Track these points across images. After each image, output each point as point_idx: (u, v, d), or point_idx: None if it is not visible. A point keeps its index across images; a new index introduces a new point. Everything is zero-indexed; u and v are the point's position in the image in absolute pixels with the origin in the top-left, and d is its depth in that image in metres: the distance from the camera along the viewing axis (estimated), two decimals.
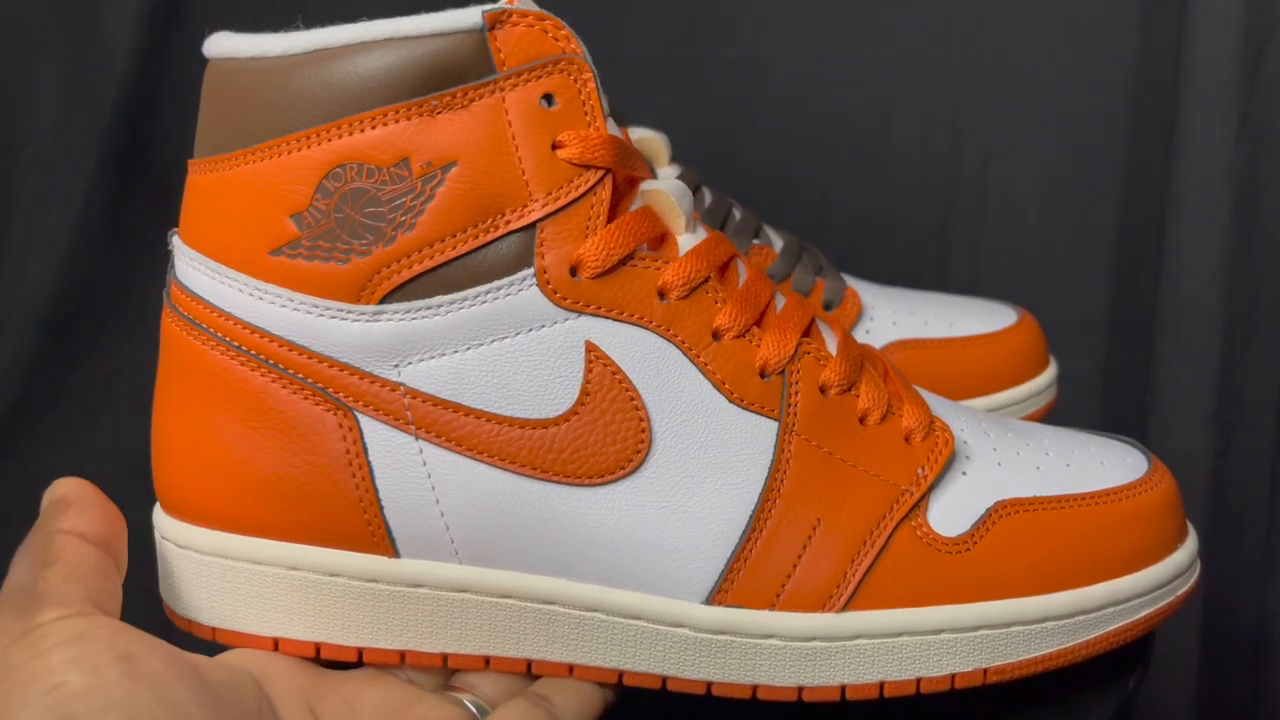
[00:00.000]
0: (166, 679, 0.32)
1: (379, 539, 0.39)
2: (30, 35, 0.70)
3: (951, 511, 0.40)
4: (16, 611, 0.33)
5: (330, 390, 0.38)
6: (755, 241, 0.57)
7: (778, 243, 0.58)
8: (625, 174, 0.39)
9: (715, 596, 0.39)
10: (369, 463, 0.38)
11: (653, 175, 0.41)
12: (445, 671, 0.41)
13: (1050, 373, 0.60)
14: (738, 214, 0.58)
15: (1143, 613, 0.42)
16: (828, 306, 0.57)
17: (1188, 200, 0.73)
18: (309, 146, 0.37)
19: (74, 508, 0.37)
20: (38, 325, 0.71)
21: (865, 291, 0.58)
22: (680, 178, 0.55)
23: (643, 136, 0.57)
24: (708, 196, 0.58)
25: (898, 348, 0.56)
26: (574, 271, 0.38)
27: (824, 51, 0.83)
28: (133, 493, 0.47)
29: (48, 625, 0.32)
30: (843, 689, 0.40)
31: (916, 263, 0.84)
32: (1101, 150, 0.80)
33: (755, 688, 0.40)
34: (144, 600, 0.40)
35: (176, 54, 0.73)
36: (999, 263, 0.83)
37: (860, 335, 0.56)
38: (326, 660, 0.40)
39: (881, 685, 0.40)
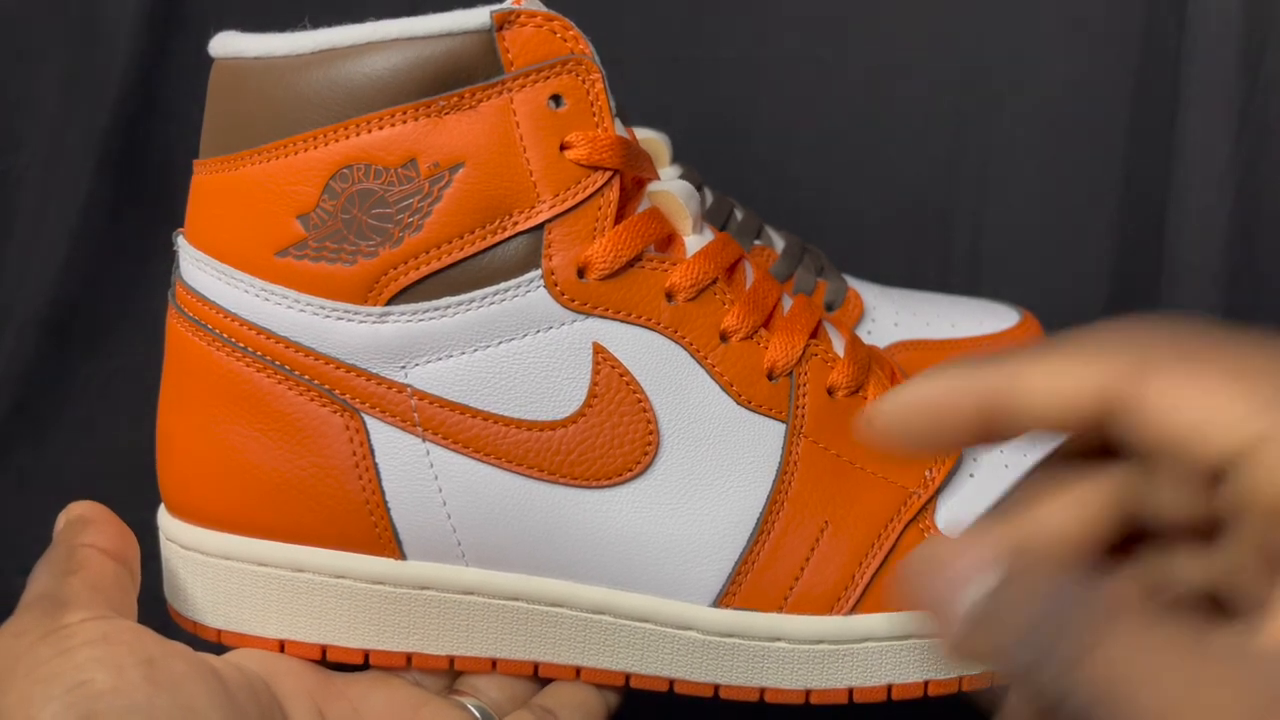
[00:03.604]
0: (187, 684, 0.33)
1: (385, 541, 0.39)
2: (30, 35, 0.70)
3: (959, 514, 0.40)
4: (41, 612, 0.34)
5: (337, 392, 0.38)
6: (757, 242, 0.57)
7: (779, 243, 0.58)
8: (633, 175, 0.39)
9: (723, 599, 0.39)
10: (375, 465, 0.38)
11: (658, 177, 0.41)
12: (451, 674, 0.41)
13: None
14: (739, 214, 0.58)
15: None
16: (829, 307, 0.56)
17: (1188, 200, 0.73)
18: (316, 147, 0.37)
19: (93, 525, 0.38)
20: (38, 325, 0.71)
21: (867, 292, 0.58)
22: (681, 178, 0.55)
23: (643, 137, 0.57)
24: (709, 197, 0.57)
25: (900, 349, 0.56)
26: (582, 273, 0.38)
27: (824, 52, 0.82)
28: (133, 493, 0.47)
29: (74, 625, 0.33)
30: (850, 691, 0.40)
31: (918, 263, 0.84)
32: (1101, 151, 0.80)
33: (763, 690, 0.40)
34: (146, 601, 0.40)
35: (177, 54, 0.72)
36: (1000, 263, 0.83)
37: (862, 336, 0.56)
38: (332, 662, 0.40)
39: (889, 688, 0.40)
